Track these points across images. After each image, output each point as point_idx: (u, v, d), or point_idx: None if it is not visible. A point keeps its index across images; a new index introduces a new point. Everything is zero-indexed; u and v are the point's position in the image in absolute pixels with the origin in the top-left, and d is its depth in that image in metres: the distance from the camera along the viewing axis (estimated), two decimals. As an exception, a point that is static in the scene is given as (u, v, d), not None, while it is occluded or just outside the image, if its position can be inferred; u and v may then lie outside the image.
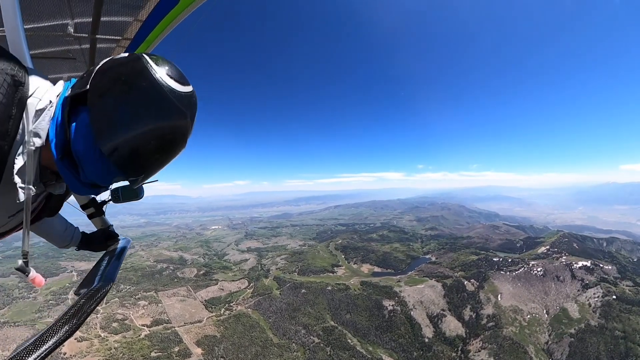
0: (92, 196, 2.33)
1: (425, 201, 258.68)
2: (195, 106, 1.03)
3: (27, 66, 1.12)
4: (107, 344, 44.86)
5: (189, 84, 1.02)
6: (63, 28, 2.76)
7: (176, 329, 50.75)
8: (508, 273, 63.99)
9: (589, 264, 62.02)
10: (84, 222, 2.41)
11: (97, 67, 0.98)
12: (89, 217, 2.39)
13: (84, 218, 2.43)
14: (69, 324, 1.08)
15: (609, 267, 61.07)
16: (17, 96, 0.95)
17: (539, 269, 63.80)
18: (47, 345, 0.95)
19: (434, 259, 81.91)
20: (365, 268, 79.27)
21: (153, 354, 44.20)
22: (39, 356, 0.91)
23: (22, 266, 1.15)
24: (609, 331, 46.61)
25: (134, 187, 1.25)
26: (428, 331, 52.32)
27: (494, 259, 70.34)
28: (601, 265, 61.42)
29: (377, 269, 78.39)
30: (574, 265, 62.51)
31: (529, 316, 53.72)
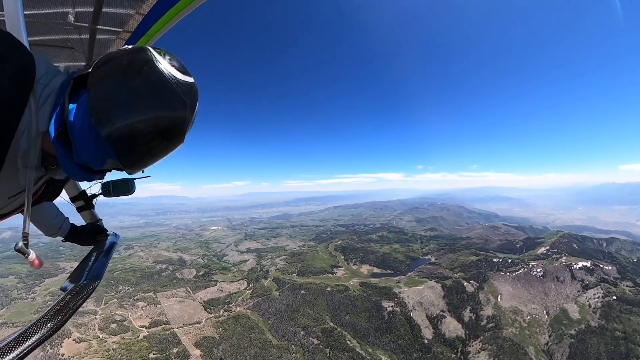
0: (83, 189, 2.31)
1: (424, 202, 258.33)
2: (195, 96, 1.05)
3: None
4: (105, 345, 44.75)
5: (190, 75, 1.06)
6: (63, 16, 2.74)
7: (175, 330, 50.60)
8: (508, 274, 63.89)
9: (589, 264, 62.00)
10: (76, 219, 2.34)
11: (101, 57, 1.03)
12: (78, 210, 2.33)
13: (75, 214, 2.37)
14: (53, 320, 1.04)
15: (609, 267, 61.02)
16: (25, 81, 0.98)
17: (538, 270, 63.72)
18: (30, 342, 0.91)
19: (433, 259, 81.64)
20: (365, 269, 79.12)
21: (152, 355, 44.06)
22: (21, 352, 0.87)
23: (23, 248, 1.15)
24: (609, 332, 46.55)
25: (126, 178, 1.23)
26: (428, 332, 52.22)
27: (494, 260, 70.17)
28: (601, 266, 61.38)
29: (376, 270, 78.18)
30: (574, 265, 62.48)
31: (529, 317, 53.64)
